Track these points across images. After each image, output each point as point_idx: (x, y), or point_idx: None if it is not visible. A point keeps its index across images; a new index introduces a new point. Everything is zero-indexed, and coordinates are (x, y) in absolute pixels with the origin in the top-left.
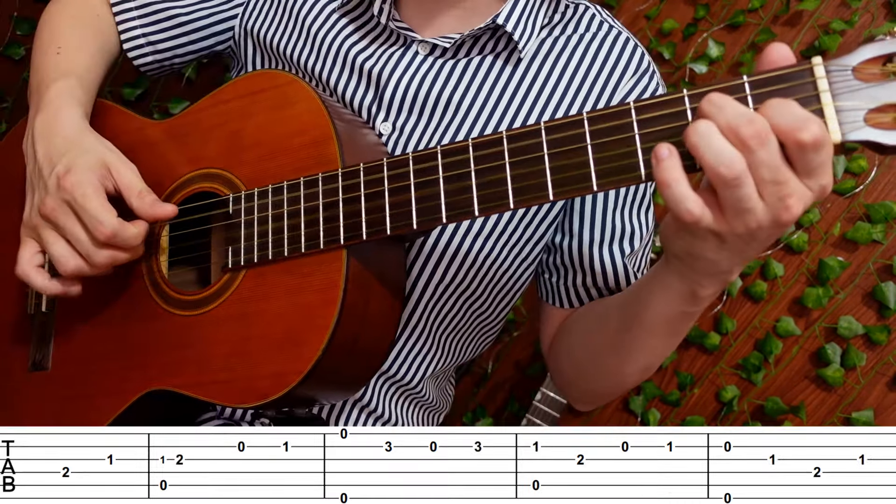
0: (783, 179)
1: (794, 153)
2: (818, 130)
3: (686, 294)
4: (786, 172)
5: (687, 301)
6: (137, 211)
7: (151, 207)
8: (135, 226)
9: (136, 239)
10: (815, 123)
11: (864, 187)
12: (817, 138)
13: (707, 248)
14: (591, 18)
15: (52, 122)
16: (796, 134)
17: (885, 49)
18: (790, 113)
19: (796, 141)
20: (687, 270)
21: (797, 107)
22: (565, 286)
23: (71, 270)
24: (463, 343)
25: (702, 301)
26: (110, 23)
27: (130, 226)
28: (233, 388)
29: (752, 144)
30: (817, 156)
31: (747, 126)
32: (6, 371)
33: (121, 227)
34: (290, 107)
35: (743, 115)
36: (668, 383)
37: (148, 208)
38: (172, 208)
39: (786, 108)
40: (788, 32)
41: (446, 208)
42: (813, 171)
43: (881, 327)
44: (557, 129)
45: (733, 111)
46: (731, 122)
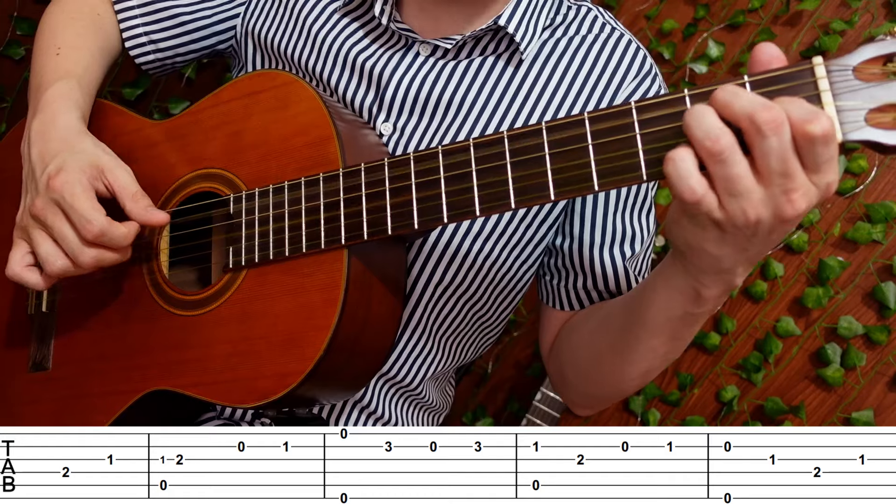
0: (791, 172)
1: (804, 146)
2: (828, 123)
3: (689, 293)
4: (794, 165)
5: (690, 301)
6: (131, 214)
7: (145, 211)
8: (125, 226)
9: (124, 239)
10: (824, 117)
11: (864, 187)
12: (827, 131)
13: (707, 238)
14: (594, 20)
15: (48, 125)
16: (806, 126)
17: (886, 49)
18: (800, 106)
19: (806, 132)
20: (690, 266)
21: (806, 102)
22: (566, 288)
23: (57, 270)
24: (463, 345)
25: (705, 302)
26: (112, 21)
27: (120, 226)
28: (233, 388)
29: (766, 130)
30: (826, 150)
31: (764, 111)
32: (6, 371)
33: (109, 227)
34: (290, 107)
35: (760, 102)
36: (668, 383)
37: (142, 212)
38: (164, 216)
39: (796, 103)
40: (788, 32)
41: (447, 208)
42: (820, 166)
43: (881, 327)
44: (559, 129)
45: (749, 97)
46: (748, 108)
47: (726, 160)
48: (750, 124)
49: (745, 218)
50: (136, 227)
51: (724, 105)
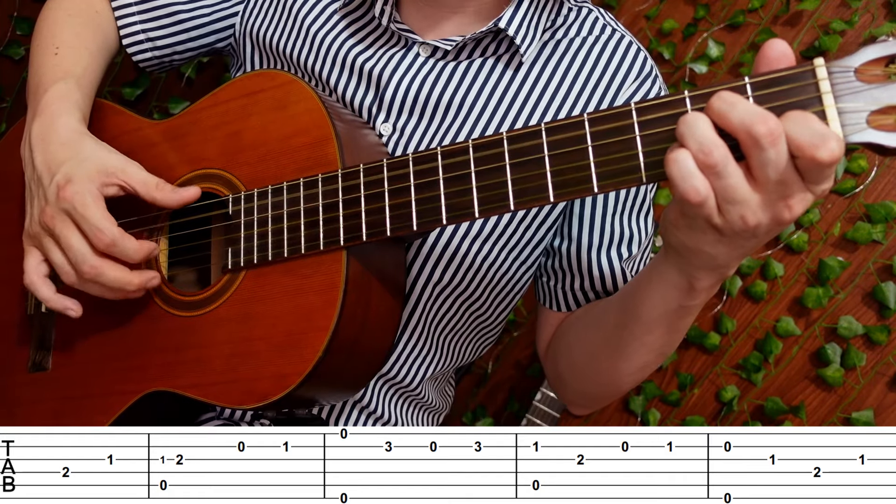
0: (788, 181)
1: (809, 167)
2: (836, 148)
3: (683, 286)
4: (792, 175)
5: (684, 294)
6: (162, 202)
7: (175, 194)
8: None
9: (136, 253)
10: (834, 141)
11: (864, 187)
12: (835, 157)
13: (705, 241)
14: (594, 21)
15: (49, 128)
16: (815, 151)
17: (888, 50)
18: (809, 128)
19: (814, 158)
20: (684, 264)
21: (816, 121)
22: (563, 290)
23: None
24: (462, 345)
25: (698, 294)
26: (109, 19)
27: (132, 238)
28: (233, 389)
29: (763, 143)
30: (831, 169)
31: (761, 124)
32: (6, 371)
33: (121, 237)
34: (289, 107)
35: (757, 113)
36: (668, 383)
37: (172, 195)
38: (195, 190)
39: (805, 123)
40: (788, 32)
41: (446, 210)
42: (822, 181)
43: (881, 327)
44: (558, 131)
45: (745, 108)
46: (745, 119)
47: (720, 172)
48: (747, 136)
49: (744, 224)
50: (149, 245)
51: (720, 115)
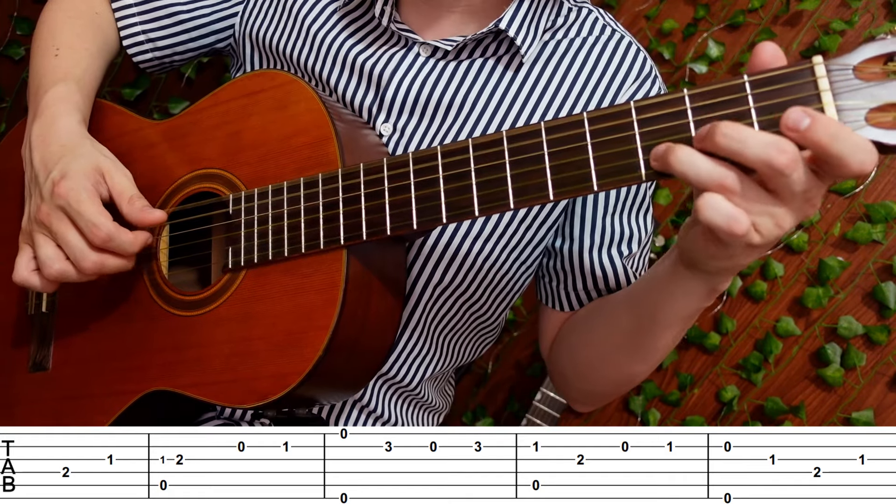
0: (811, 186)
1: (833, 165)
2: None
3: (705, 293)
4: (813, 181)
5: (705, 298)
6: (127, 216)
7: (141, 212)
8: (132, 234)
9: (131, 245)
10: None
11: (864, 187)
12: (875, 161)
13: (741, 256)
14: (594, 22)
15: (48, 129)
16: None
17: (886, 48)
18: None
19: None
20: (712, 278)
21: (834, 122)
22: (565, 290)
23: (55, 273)
24: (461, 345)
25: (717, 293)
26: (109, 20)
27: (127, 231)
28: (233, 388)
29: (787, 172)
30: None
31: (780, 155)
32: (6, 371)
33: (116, 232)
34: (290, 107)
35: (771, 144)
36: (668, 383)
37: (138, 213)
38: (161, 214)
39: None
40: (788, 32)
41: (446, 208)
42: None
43: (881, 327)
44: (558, 129)
45: (758, 142)
46: (761, 154)
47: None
48: (767, 168)
49: (780, 231)
50: (144, 235)
51: (734, 154)
